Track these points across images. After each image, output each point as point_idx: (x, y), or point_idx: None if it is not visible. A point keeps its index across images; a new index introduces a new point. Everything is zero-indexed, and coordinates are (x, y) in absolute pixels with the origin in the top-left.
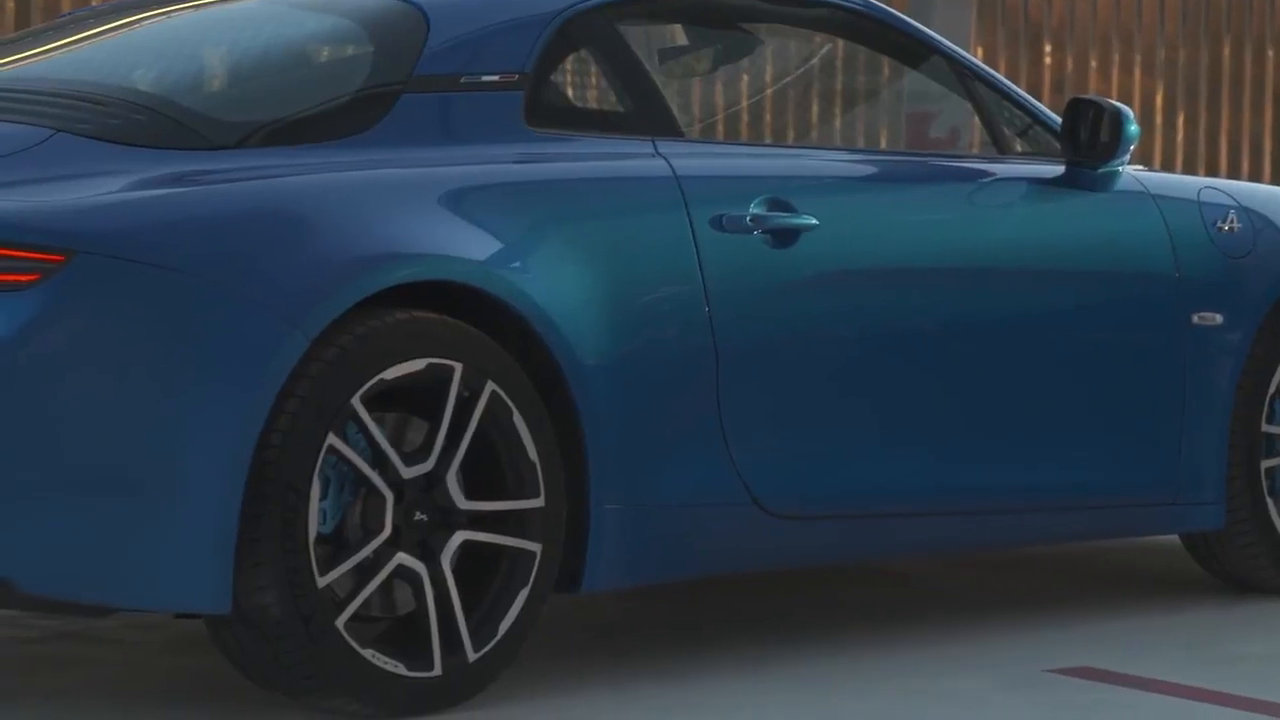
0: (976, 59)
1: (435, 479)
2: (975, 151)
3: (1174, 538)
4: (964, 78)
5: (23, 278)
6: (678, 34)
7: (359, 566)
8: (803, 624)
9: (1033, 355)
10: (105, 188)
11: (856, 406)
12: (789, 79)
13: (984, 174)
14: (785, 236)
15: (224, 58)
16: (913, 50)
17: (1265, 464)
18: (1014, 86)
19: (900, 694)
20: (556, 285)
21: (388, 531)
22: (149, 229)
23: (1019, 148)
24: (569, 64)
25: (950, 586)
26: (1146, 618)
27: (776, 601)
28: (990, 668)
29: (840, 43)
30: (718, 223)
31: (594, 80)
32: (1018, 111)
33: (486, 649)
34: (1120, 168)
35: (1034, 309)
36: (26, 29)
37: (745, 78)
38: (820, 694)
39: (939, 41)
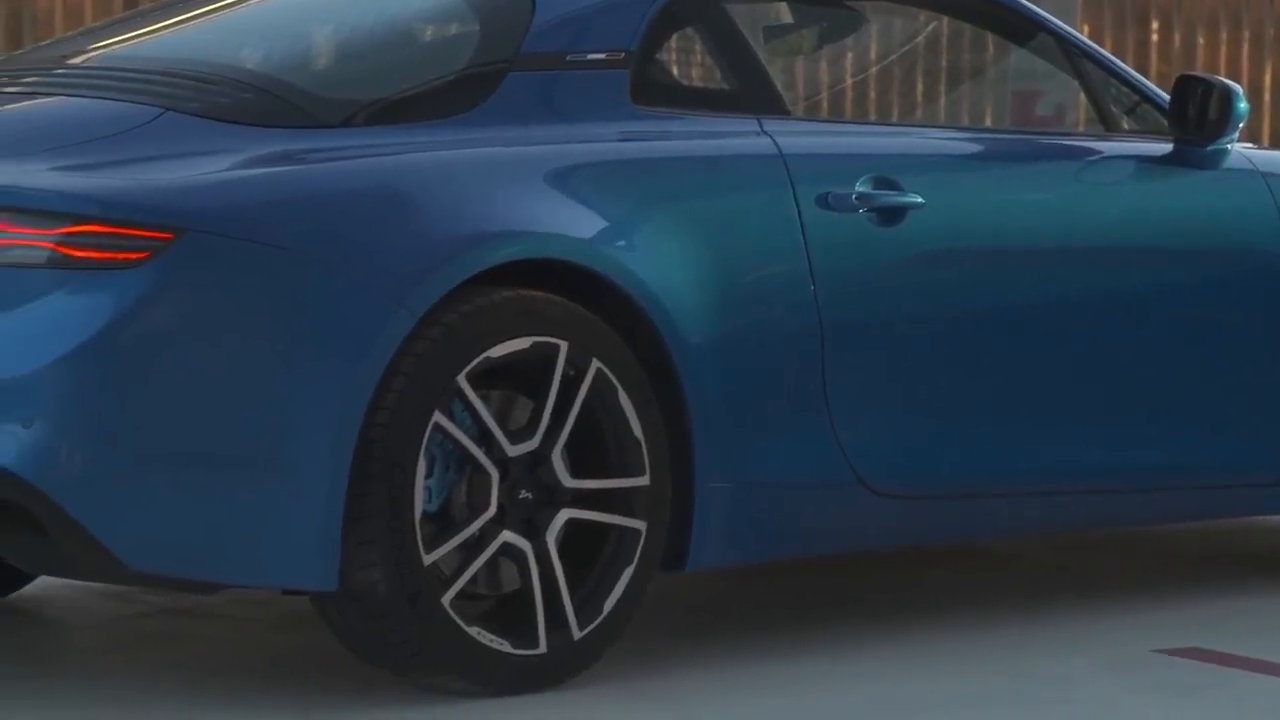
0: (1083, 36)
1: (540, 457)
2: (1082, 129)
3: None
4: (1071, 55)
5: (133, 255)
6: (783, 11)
7: (464, 544)
8: (906, 604)
9: (1139, 334)
10: (214, 166)
11: (962, 386)
12: (894, 57)
13: (1091, 152)
14: (891, 215)
15: (331, 36)
16: (1019, 27)
17: None
18: (1121, 64)
19: (1006, 675)
20: (662, 263)
21: (493, 509)
22: (257, 207)
23: (1126, 125)
24: (674, 42)
25: (1055, 566)
26: (1257, 599)
27: (879, 581)
28: (1097, 648)
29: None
30: (823, 201)
31: (699, 58)
32: (1125, 89)
33: (591, 627)
34: (1229, 145)
35: (1141, 287)
36: (135, 9)
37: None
38: (924, 674)
39: (1046, 19)
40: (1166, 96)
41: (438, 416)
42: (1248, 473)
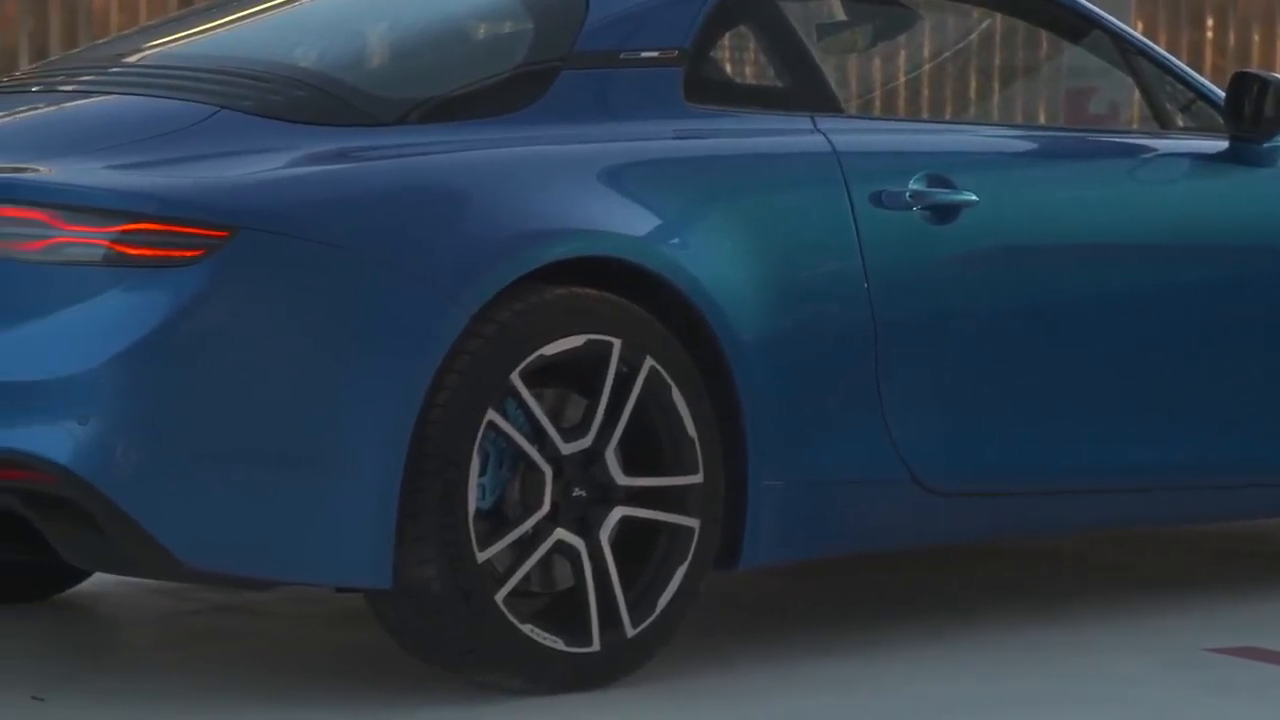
0: (1138, 33)
1: (594, 455)
2: (1136, 127)
3: None
4: (1125, 52)
5: (187, 253)
6: (837, 9)
7: (518, 542)
8: (956, 602)
9: (1192, 332)
10: (268, 164)
11: (1015, 383)
12: (948, 54)
13: (1145, 149)
14: (945, 213)
15: (385, 34)
16: (1073, 25)
17: None
18: (1176, 61)
19: (1057, 674)
20: (716, 261)
21: (546, 507)
22: (311, 205)
23: (1181, 123)
24: (727, 40)
25: (1107, 564)
26: None
27: (932, 579)
28: (1151, 646)
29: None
30: (877, 199)
31: (752, 56)
32: (1180, 86)
33: (645, 625)
34: None
35: (1196, 285)
36: (190, 7)
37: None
38: (975, 673)
39: (1100, 15)
40: (1222, 93)
41: (491, 414)
42: None
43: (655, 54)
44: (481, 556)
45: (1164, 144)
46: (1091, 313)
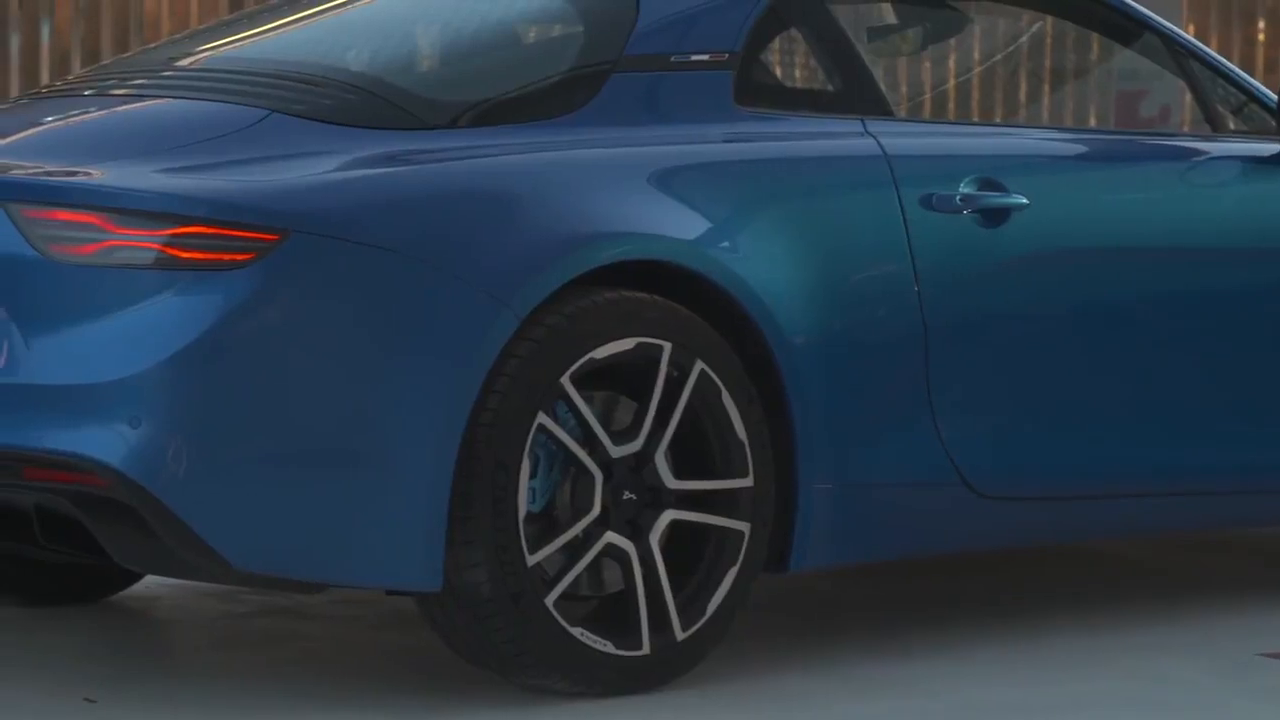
0: (1189, 35)
1: (644, 458)
2: (1188, 130)
3: None
4: (1177, 55)
5: (239, 257)
6: (887, 12)
7: (568, 545)
8: (1007, 606)
9: (1245, 335)
10: (319, 168)
11: (1066, 387)
12: (998, 57)
13: (1197, 152)
14: (996, 216)
15: (435, 38)
16: (1124, 27)
17: None
18: (1228, 63)
19: (1108, 678)
20: (765, 264)
21: (597, 510)
22: (362, 209)
23: (1233, 125)
24: (778, 43)
25: (1158, 568)
26: None
27: (982, 582)
28: (1202, 650)
29: (1050, 20)
30: (927, 202)
31: (802, 59)
32: (1232, 89)
33: (695, 628)
34: None
35: (1247, 288)
36: (241, 11)
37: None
38: (1026, 678)
39: (1151, 18)
40: (1274, 96)
41: (542, 417)
42: None
43: (705, 57)
44: (532, 560)
45: (1216, 147)
46: (1142, 316)
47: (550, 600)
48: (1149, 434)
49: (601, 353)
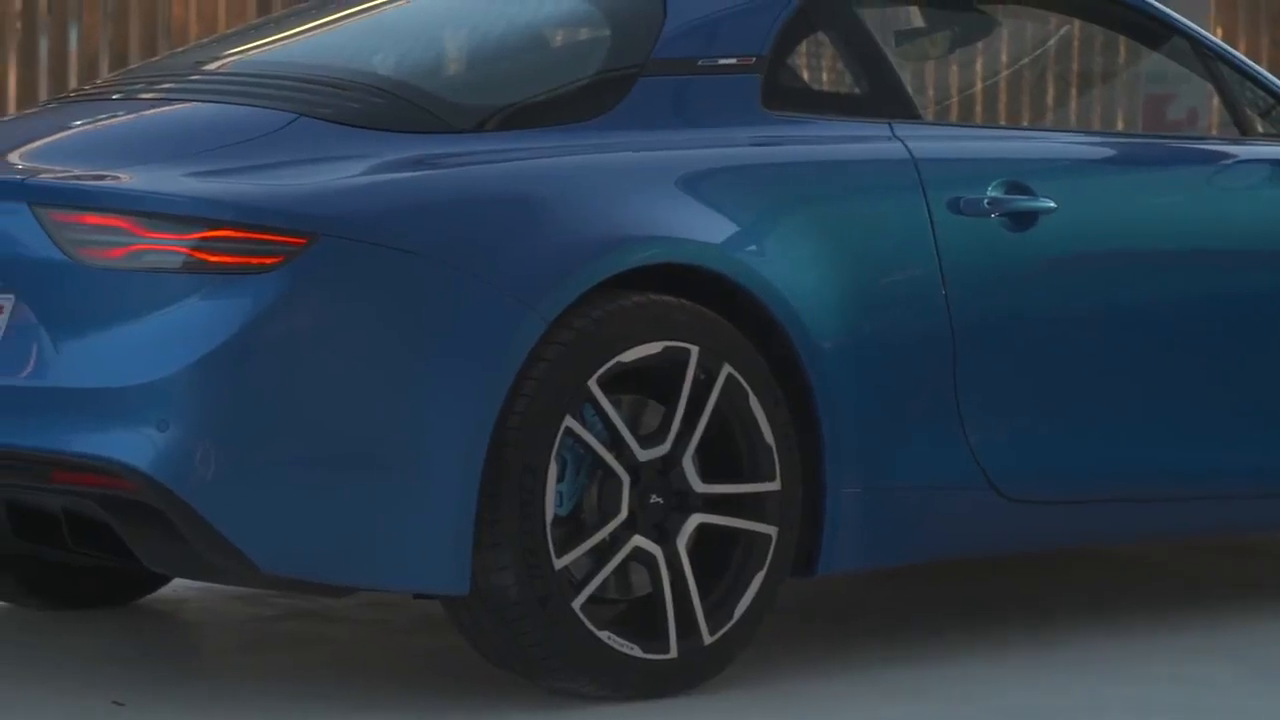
0: (1217, 39)
1: (671, 462)
2: (1215, 133)
3: None
4: (1205, 58)
5: (267, 260)
6: (914, 15)
7: (595, 549)
8: (1034, 610)
9: (1274, 337)
10: (347, 171)
11: (1094, 390)
12: (1026, 60)
13: (1225, 156)
14: (1023, 219)
15: (462, 42)
16: (1152, 31)
17: None
18: (1257, 67)
19: (1136, 682)
20: (793, 268)
21: (624, 514)
22: (390, 212)
23: (1261, 129)
24: (805, 46)
25: (1184, 571)
26: None
27: (1010, 585)
28: (1229, 654)
29: (1077, 24)
30: (955, 205)
31: (830, 63)
32: (1260, 92)
33: (722, 632)
34: None
35: (1275, 291)
36: (269, 15)
37: (982, 59)
38: (1053, 682)
39: (1179, 21)
40: None
41: (569, 421)
42: None
43: (733, 61)
44: (559, 563)
45: (1244, 150)
46: (1169, 320)
47: (577, 604)
48: (1177, 438)
49: (629, 356)
